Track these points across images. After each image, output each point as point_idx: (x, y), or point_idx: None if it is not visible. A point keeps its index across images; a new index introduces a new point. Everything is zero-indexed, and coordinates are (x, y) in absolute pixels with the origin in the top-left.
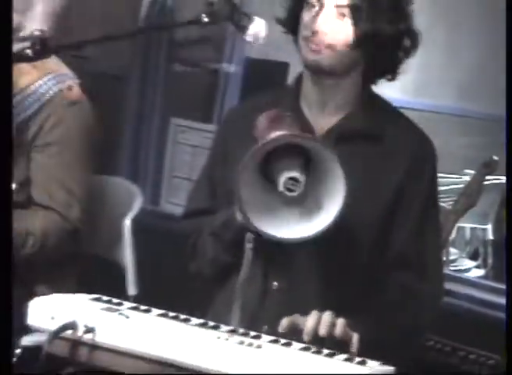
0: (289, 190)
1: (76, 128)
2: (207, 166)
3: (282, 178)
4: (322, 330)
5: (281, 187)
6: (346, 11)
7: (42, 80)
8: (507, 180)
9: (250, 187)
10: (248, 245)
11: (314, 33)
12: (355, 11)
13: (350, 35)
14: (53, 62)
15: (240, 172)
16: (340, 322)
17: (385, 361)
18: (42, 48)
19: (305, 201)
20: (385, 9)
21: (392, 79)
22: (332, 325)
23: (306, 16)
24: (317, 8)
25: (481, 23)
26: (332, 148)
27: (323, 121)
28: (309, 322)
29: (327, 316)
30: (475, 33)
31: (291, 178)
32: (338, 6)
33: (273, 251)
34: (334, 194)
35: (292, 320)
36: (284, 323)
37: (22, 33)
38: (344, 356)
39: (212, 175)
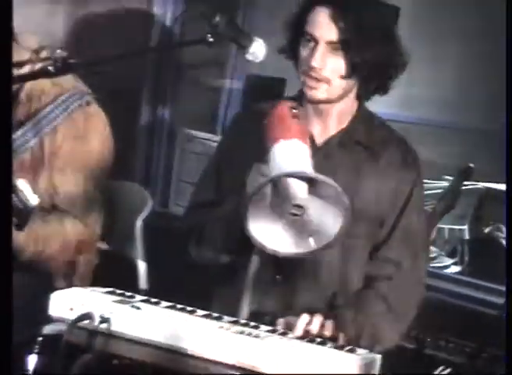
0: (294, 214)
1: (94, 139)
2: (213, 162)
3: (288, 205)
4: (313, 329)
5: (286, 212)
6: (338, 46)
7: (63, 97)
8: (507, 181)
9: (257, 205)
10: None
11: (311, 68)
12: (345, 45)
13: (344, 67)
14: (71, 80)
15: (248, 201)
16: (328, 324)
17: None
18: (63, 65)
19: (305, 222)
20: (373, 39)
21: (384, 94)
22: (322, 326)
23: (303, 51)
24: (312, 44)
25: (461, 38)
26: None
27: (322, 132)
28: (300, 322)
29: (317, 318)
30: (455, 49)
31: (296, 204)
32: (330, 43)
33: None
34: (334, 220)
35: (286, 321)
36: (280, 322)
37: (44, 54)
38: (335, 345)
39: (219, 170)
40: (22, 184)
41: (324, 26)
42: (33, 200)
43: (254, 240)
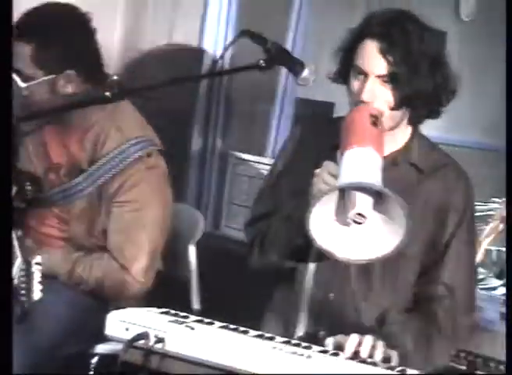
0: (356, 222)
1: (151, 190)
2: (271, 175)
3: (352, 212)
4: (364, 354)
5: (349, 219)
6: (387, 79)
7: (126, 145)
8: (507, 184)
9: (323, 215)
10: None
11: (361, 102)
12: (394, 78)
13: (394, 99)
14: (137, 127)
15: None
16: (380, 345)
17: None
18: (119, 90)
19: (366, 232)
20: (422, 70)
21: (436, 118)
22: (373, 347)
23: (354, 82)
24: (362, 76)
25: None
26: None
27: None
28: (349, 345)
29: (368, 339)
30: (497, 77)
31: (359, 214)
32: (379, 76)
33: (334, 268)
34: (395, 232)
35: (336, 341)
36: (329, 342)
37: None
38: (386, 365)
39: (277, 182)
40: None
41: (373, 60)
42: (37, 294)
43: (318, 245)
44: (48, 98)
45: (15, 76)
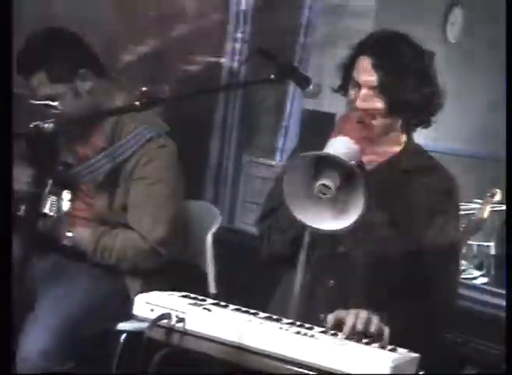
0: (322, 193)
1: (163, 166)
2: (278, 177)
3: (318, 183)
4: (359, 326)
5: (315, 190)
6: (378, 90)
7: (139, 129)
8: (507, 186)
9: (295, 186)
10: (305, 239)
11: (355, 109)
12: (384, 89)
13: (384, 108)
14: (150, 116)
15: (287, 169)
16: (375, 319)
17: (411, 350)
18: (147, 100)
19: (336, 204)
20: (409, 83)
21: (426, 127)
22: (368, 321)
23: (351, 93)
24: (357, 88)
25: (487, 79)
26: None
27: (371, 159)
28: (348, 319)
29: (363, 313)
30: (480, 93)
31: (324, 185)
32: (371, 87)
33: (332, 256)
34: (356, 204)
35: (335, 316)
36: (330, 319)
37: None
38: (378, 344)
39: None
40: (65, 194)
41: (366, 73)
42: (66, 206)
43: (293, 214)
44: (75, 103)
45: (46, 103)
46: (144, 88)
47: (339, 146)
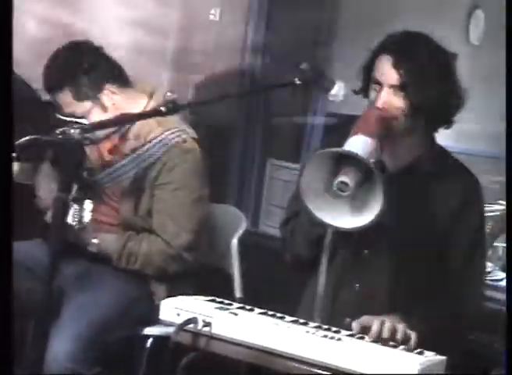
0: (341, 190)
1: (188, 171)
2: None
3: (336, 180)
4: (385, 335)
5: (334, 187)
6: (399, 89)
7: (164, 134)
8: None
9: (313, 183)
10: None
11: (377, 109)
12: (405, 88)
13: (406, 107)
14: (175, 121)
15: (305, 166)
16: (401, 326)
17: (438, 352)
18: (173, 106)
19: (355, 202)
20: (431, 82)
21: (448, 127)
22: (394, 329)
23: (372, 93)
24: (378, 87)
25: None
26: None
27: (394, 161)
28: (373, 327)
29: (389, 322)
30: (501, 93)
31: (342, 182)
32: (392, 86)
33: (356, 259)
34: (375, 202)
35: (361, 323)
36: (355, 326)
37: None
38: (406, 347)
39: None
40: (87, 204)
41: (387, 72)
42: (87, 217)
43: (309, 212)
44: (101, 117)
45: (75, 120)
46: (168, 93)
47: (358, 144)
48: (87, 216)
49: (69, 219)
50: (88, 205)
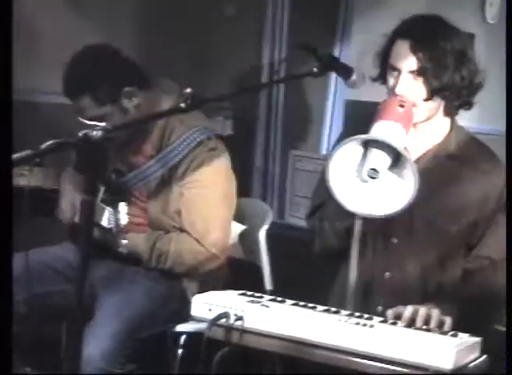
0: (371, 177)
1: (214, 168)
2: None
3: (366, 167)
4: (419, 323)
5: (364, 174)
6: (417, 73)
7: (188, 133)
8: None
9: (341, 172)
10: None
11: (396, 95)
12: (424, 73)
13: (425, 92)
14: (198, 119)
15: (332, 154)
16: (435, 313)
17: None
18: (192, 101)
19: (384, 189)
20: (449, 65)
21: (469, 109)
22: (428, 317)
23: (390, 79)
24: (396, 73)
25: None
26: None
27: (416, 147)
28: (406, 313)
29: (423, 310)
30: None
31: (372, 168)
32: (411, 71)
33: (386, 248)
34: (407, 188)
35: (395, 312)
36: (390, 313)
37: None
38: (440, 331)
39: None
40: (122, 207)
41: (404, 57)
42: (124, 220)
43: (336, 198)
44: (123, 120)
45: (97, 124)
46: (188, 89)
47: (385, 129)
48: (124, 219)
49: (105, 223)
50: (123, 207)
